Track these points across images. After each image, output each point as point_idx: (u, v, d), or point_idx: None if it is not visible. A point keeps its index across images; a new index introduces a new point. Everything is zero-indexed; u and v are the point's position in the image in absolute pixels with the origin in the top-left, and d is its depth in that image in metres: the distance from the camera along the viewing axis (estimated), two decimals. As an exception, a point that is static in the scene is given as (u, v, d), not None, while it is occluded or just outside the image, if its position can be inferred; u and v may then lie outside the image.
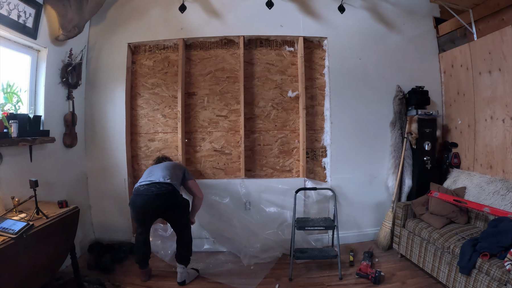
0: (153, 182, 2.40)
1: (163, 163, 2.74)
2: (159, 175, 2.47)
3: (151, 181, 2.41)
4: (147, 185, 2.39)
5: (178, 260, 2.49)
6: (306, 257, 2.71)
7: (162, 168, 2.59)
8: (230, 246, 3.03)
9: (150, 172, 2.59)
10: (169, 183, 2.41)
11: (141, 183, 2.45)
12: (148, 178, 2.48)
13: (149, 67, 3.28)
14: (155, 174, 2.51)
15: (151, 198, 2.33)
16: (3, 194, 2.09)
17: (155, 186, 2.37)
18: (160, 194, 2.34)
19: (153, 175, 2.50)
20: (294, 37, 3.23)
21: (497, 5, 2.70)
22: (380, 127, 3.30)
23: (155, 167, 2.64)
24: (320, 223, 2.78)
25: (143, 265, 2.55)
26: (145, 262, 2.56)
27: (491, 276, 1.87)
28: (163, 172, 2.51)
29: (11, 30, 2.24)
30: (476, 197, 2.56)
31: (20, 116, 2.33)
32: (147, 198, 2.33)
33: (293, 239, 2.73)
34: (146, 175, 2.56)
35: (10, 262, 1.63)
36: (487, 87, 2.78)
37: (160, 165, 2.66)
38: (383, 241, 3.02)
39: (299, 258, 2.69)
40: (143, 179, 2.51)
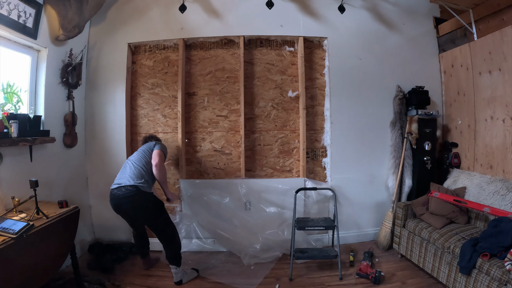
0: (120, 186, 2.36)
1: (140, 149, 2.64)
2: (127, 175, 2.40)
3: (119, 185, 2.38)
4: (116, 189, 2.38)
5: (169, 261, 2.49)
6: (306, 257, 2.71)
7: (133, 161, 2.50)
8: (230, 246, 3.03)
9: (123, 168, 2.52)
10: (133, 185, 2.33)
11: (113, 185, 2.43)
12: (118, 179, 2.44)
13: (149, 67, 3.28)
14: (124, 172, 2.45)
15: (118, 202, 2.36)
16: (3, 194, 2.09)
17: (121, 190, 2.34)
18: (125, 197, 2.32)
19: (122, 175, 2.44)
20: (294, 37, 3.23)
21: (497, 5, 2.70)
22: (380, 127, 3.30)
23: (129, 162, 2.54)
24: (320, 223, 2.78)
25: (143, 255, 2.74)
26: (144, 253, 2.73)
27: (491, 276, 1.87)
28: (131, 169, 2.44)
29: (11, 30, 2.24)
30: (476, 197, 2.56)
31: (20, 116, 2.33)
32: (117, 202, 2.37)
33: (293, 239, 2.73)
34: (120, 172, 2.51)
35: (10, 262, 1.63)
36: (487, 87, 2.78)
37: (134, 157, 2.55)
38: (383, 241, 3.02)
39: (299, 258, 2.69)
40: (116, 179, 2.47)
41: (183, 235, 3.12)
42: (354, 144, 3.25)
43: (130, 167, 2.47)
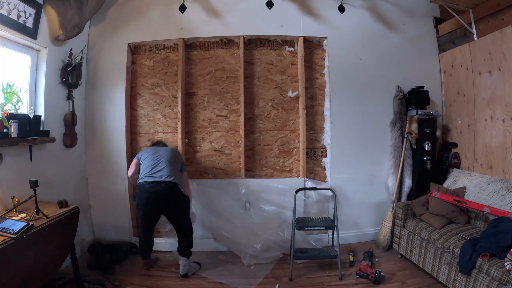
0: (159, 181, 2.45)
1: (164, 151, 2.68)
2: (164, 172, 2.50)
3: (156, 180, 2.45)
4: (153, 182, 2.45)
5: (180, 253, 2.59)
6: (306, 257, 2.71)
7: (165, 160, 2.57)
8: (230, 245, 3.02)
9: (153, 163, 2.56)
10: (173, 182, 2.48)
11: (146, 178, 2.48)
12: (153, 173, 2.50)
13: (149, 67, 3.28)
14: (159, 169, 2.52)
15: (156, 196, 2.43)
16: (3, 194, 2.09)
17: (160, 185, 2.44)
18: (165, 193, 2.44)
19: (157, 170, 2.51)
20: (294, 37, 3.23)
21: (497, 5, 2.70)
22: (380, 127, 3.30)
23: (158, 158, 2.59)
24: (320, 223, 2.78)
25: (145, 256, 2.72)
26: (147, 254, 2.72)
27: (491, 276, 1.87)
28: (167, 167, 2.53)
29: (11, 30, 2.24)
30: (476, 197, 2.56)
31: (20, 116, 2.33)
32: (152, 196, 2.44)
33: (293, 239, 2.73)
34: (150, 166, 2.55)
35: (10, 262, 1.63)
36: (487, 87, 2.78)
37: (163, 157, 2.61)
38: (383, 241, 3.02)
39: (299, 258, 2.69)
40: (146, 173, 2.52)
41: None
42: (354, 144, 3.25)
43: (167, 165, 2.54)
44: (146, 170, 2.54)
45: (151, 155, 2.64)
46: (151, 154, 2.64)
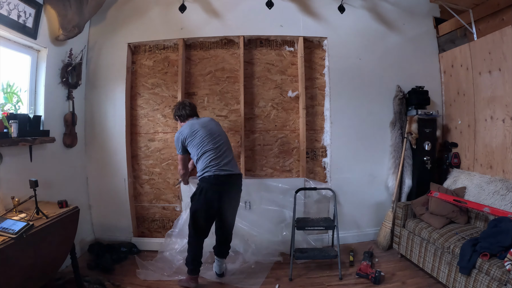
0: (232, 174, 2.29)
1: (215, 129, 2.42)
2: (233, 162, 2.37)
3: (230, 172, 2.27)
4: (227, 176, 2.26)
5: (221, 255, 2.50)
6: (306, 257, 2.71)
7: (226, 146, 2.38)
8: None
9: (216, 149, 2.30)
10: (240, 174, 2.40)
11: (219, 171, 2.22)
12: (223, 164, 2.27)
13: (149, 67, 3.28)
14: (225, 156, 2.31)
15: (229, 188, 2.30)
16: (3, 194, 2.09)
17: (232, 178, 2.32)
18: (235, 185, 2.36)
19: (224, 157, 2.30)
20: (294, 37, 3.23)
21: (497, 5, 2.70)
22: (380, 127, 3.30)
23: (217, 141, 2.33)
24: (320, 223, 2.78)
25: (197, 271, 2.40)
26: (198, 269, 2.42)
27: (491, 276, 1.87)
28: (232, 156, 2.39)
29: (11, 30, 2.23)
30: (476, 197, 2.56)
31: (20, 116, 2.33)
32: (227, 188, 2.29)
33: (293, 239, 2.73)
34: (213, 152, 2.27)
35: (10, 262, 1.63)
36: (487, 87, 2.78)
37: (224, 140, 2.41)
38: (383, 241, 3.02)
39: (299, 258, 2.69)
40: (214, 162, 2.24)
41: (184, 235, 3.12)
42: (354, 144, 3.25)
43: (230, 153, 2.39)
44: (211, 158, 2.25)
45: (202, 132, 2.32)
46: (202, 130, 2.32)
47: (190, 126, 2.41)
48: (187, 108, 2.53)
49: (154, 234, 3.29)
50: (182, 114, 2.52)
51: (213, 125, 2.46)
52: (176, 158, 3.21)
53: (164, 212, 3.28)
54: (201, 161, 2.29)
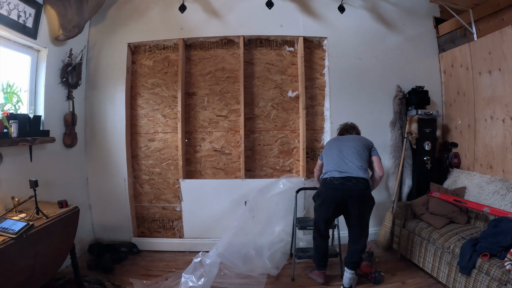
0: (349, 177, 2.22)
1: (352, 139, 2.47)
2: (354, 166, 2.26)
3: (346, 175, 2.23)
4: (342, 178, 2.22)
5: (351, 267, 2.36)
6: (307, 256, 2.70)
7: (353, 152, 2.34)
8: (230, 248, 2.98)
9: (340, 155, 2.34)
10: (365, 179, 2.24)
11: (333, 174, 2.26)
12: (342, 168, 2.27)
13: (149, 67, 3.28)
14: (348, 162, 2.29)
15: (347, 193, 2.21)
16: (3, 194, 2.09)
17: (351, 181, 2.21)
18: (357, 190, 2.21)
19: (346, 163, 2.28)
20: (294, 37, 3.23)
21: (497, 5, 2.70)
22: (380, 127, 3.30)
23: (346, 149, 2.37)
24: None
25: (323, 266, 2.46)
26: (325, 264, 2.47)
27: (491, 276, 1.87)
28: (356, 160, 2.30)
29: (11, 30, 2.24)
30: (476, 197, 2.56)
31: (20, 116, 2.33)
32: (343, 193, 2.22)
33: (295, 239, 2.73)
34: (337, 158, 2.33)
35: (10, 262, 1.63)
36: (487, 87, 2.78)
37: (351, 147, 2.38)
38: (383, 241, 3.01)
39: (301, 258, 2.68)
40: (333, 167, 2.30)
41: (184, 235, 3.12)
42: (354, 144, 3.25)
43: (354, 154, 2.32)
44: (333, 163, 2.32)
45: (337, 146, 2.43)
46: (336, 146, 2.44)
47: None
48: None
49: (154, 234, 3.29)
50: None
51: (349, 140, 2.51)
52: (176, 158, 3.21)
53: (164, 212, 3.28)
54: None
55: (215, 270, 2.31)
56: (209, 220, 3.13)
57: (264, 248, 2.74)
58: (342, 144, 2.45)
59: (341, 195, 2.23)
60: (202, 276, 2.22)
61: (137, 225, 3.30)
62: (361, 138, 2.53)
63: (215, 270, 2.31)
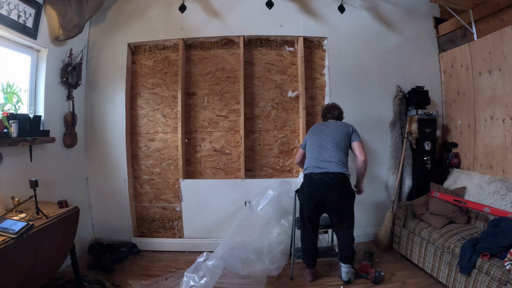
0: (327, 172, 2.27)
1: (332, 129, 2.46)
2: (332, 163, 2.29)
3: (324, 171, 2.27)
4: (321, 174, 2.27)
5: (345, 261, 2.42)
6: None
7: (333, 146, 2.36)
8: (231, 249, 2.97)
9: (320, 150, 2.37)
10: (342, 173, 2.28)
11: (313, 169, 2.31)
12: (320, 164, 2.31)
13: (149, 67, 3.28)
14: (327, 158, 2.32)
15: (325, 187, 2.27)
16: (3, 194, 2.09)
17: (329, 176, 2.26)
18: (334, 184, 2.27)
19: (324, 159, 2.32)
20: (294, 37, 3.23)
21: (497, 5, 2.70)
22: (380, 127, 3.30)
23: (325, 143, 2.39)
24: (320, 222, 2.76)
25: (312, 265, 2.51)
26: (313, 262, 2.52)
27: (491, 276, 1.87)
28: (335, 156, 2.32)
29: (11, 30, 2.24)
30: (476, 197, 2.56)
31: (20, 116, 2.33)
32: (321, 188, 2.28)
33: (294, 239, 2.73)
34: (317, 154, 2.36)
35: (10, 262, 1.63)
36: (487, 87, 2.78)
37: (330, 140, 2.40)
38: (383, 241, 3.02)
39: (300, 258, 2.68)
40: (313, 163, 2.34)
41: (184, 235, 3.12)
42: (354, 144, 3.25)
43: (332, 146, 2.35)
44: (313, 160, 2.36)
45: (316, 138, 2.44)
46: (316, 136, 2.45)
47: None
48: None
49: (154, 234, 3.29)
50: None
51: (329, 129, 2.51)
52: (176, 158, 3.21)
53: (164, 212, 3.28)
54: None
55: (218, 271, 2.31)
56: (209, 220, 3.13)
57: (264, 250, 2.72)
58: (322, 136, 2.44)
59: (319, 189, 2.30)
60: (204, 276, 2.23)
61: (137, 225, 3.30)
62: (341, 125, 2.51)
63: (219, 272, 2.32)
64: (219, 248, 2.54)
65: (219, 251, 2.51)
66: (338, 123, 2.59)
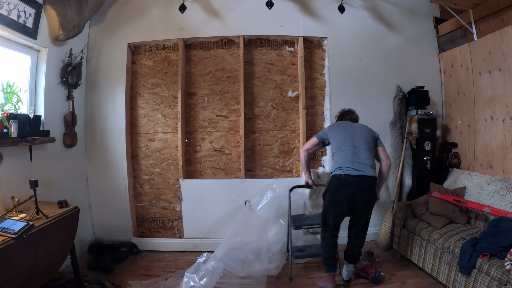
0: (364, 175, 2.19)
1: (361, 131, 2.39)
2: (367, 166, 2.23)
3: (361, 173, 2.19)
4: (358, 177, 2.18)
5: (351, 261, 2.43)
6: (304, 255, 2.66)
7: (365, 148, 2.29)
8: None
9: (355, 150, 2.27)
10: (375, 178, 2.24)
11: (349, 171, 2.20)
12: (357, 166, 2.21)
13: (149, 67, 3.28)
14: (362, 160, 2.24)
15: (361, 192, 2.21)
16: (3, 194, 2.09)
17: (366, 180, 2.19)
18: (370, 188, 2.23)
19: (360, 161, 2.23)
20: (294, 37, 3.23)
21: (497, 5, 2.70)
22: (380, 127, 3.28)
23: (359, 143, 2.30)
24: (317, 220, 2.69)
25: (334, 268, 2.38)
26: (335, 265, 2.41)
27: (491, 276, 1.87)
28: (368, 158, 2.26)
29: (11, 30, 2.24)
30: (476, 197, 2.56)
31: (20, 116, 2.33)
32: (357, 192, 2.21)
33: (290, 238, 2.68)
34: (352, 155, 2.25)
35: (10, 262, 1.63)
36: (487, 87, 2.78)
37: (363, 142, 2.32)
38: (383, 241, 3.01)
39: (298, 257, 2.65)
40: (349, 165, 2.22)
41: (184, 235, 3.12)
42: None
43: (368, 155, 2.28)
44: (348, 160, 2.24)
45: (347, 136, 2.33)
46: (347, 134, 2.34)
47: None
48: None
49: (154, 234, 3.29)
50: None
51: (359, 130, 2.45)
52: (176, 158, 3.21)
53: (164, 212, 3.28)
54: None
55: (218, 272, 2.31)
56: (209, 220, 3.13)
57: (263, 250, 2.71)
58: (354, 135, 2.35)
59: (356, 192, 2.21)
60: (204, 277, 2.22)
61: (137, 225, 3.30)
62: (367, 129, 2.46)
63: (218, 273, 2.31)
64: (218, 250, 2.54)
65: (218, 252, 2.50)
66: (364, 125, 2.51)
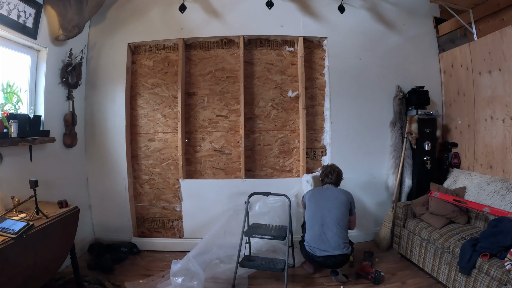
0: (329, 256, 2.32)
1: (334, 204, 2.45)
2: (335, 245, 2.32)
3: (326, 254, 2.32)
4: (323, 257, 2.33)
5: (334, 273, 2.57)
6: (251, 266, 2.50)
7: (334, 224, 2.37)
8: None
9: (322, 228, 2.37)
10: (344, 255, 2.34)
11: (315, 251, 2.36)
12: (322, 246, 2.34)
13: (149, 67, 3.28)
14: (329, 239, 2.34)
15: (325, 264, 2.41)
16: (3, 194, 2.09)
17: (331, 259, 2.34)
18: (335, 265, 2.41)
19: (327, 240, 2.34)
20: (294, 37, 3.23)
21: (497, 5, 2.71)
22: (380, 127, 3.30)
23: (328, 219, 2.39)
24: (271, 232, 2.53)
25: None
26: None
27: (491, 276, 1.87)
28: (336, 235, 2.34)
29: (11, 30, 2.24)
30: (476, 197, 2.56)
31: (20, 116, 2.33)
32: (322, 265, 2.43)
33: (240, 247, 2.50)
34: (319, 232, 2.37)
35: (10, 262, 1.63)
36: (487, 87, 2.78)
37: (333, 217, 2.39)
38: (383, 241, 3.02)
39: (243, 266, 2.47)
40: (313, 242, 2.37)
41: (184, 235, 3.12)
42: (354, 143, 3.25)
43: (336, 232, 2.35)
44: (315, 238, 2.38)
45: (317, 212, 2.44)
46: (317, 209, 2.45)
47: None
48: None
49: (154, 234, 3.29)
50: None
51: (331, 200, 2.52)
52: (176, 158, 3.21)
53: (164, 212, 3.28)
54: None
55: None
56: (209, 220, 3.13)
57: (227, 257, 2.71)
58: (324, 210, 2.44)
59: (323, 265, 2.44)
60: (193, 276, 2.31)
61: (137, 225, 3.30)
62: (342, 197, 2.49)
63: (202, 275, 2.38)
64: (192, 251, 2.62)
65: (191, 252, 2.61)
66: (338, 191, 2.56)
